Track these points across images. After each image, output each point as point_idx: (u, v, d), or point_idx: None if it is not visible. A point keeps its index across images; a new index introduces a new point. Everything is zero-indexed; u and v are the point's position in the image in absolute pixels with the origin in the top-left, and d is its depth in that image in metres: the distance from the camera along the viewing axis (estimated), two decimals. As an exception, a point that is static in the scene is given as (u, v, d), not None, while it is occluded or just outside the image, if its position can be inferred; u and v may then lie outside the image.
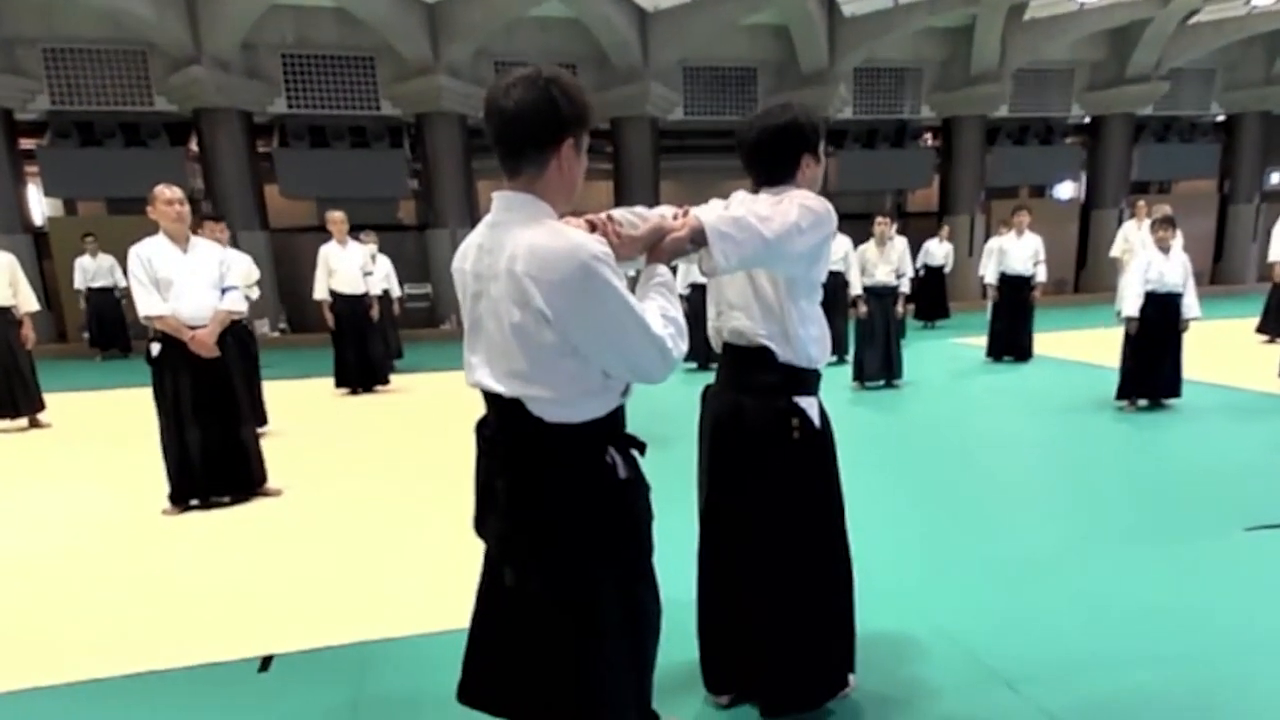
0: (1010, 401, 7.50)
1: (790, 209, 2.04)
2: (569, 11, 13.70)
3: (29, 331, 7.25)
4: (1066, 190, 19.56)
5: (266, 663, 2.95)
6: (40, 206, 15.03)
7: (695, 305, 7.75)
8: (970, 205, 17.24)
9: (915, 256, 11.34)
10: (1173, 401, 6.72)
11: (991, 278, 9.45)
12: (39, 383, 7.49)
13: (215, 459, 4.82)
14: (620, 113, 15.11)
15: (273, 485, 5.14)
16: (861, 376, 8.17)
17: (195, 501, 4.85)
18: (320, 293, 8.52)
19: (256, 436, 5.13)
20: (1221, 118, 18.80)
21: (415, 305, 14.85)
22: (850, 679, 2.53)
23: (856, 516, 2.53)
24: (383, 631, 3.15)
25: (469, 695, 1.93)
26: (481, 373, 1.76)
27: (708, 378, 2.55)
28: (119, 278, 12.68)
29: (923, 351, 10.57)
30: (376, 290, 9.06)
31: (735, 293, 2.32)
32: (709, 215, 1.93)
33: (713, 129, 16.61)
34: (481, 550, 1.90)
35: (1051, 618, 3.12)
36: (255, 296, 7.56)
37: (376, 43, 13.87)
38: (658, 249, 1.87)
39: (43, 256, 13.84)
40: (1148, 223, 8.01)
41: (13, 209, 13.61)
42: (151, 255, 4.58)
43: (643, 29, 14.60)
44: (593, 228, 1.76)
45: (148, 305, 4.54)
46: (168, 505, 4.79)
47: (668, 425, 1.90)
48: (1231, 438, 5.78)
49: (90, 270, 12.76)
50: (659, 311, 1.72)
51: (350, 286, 8.55)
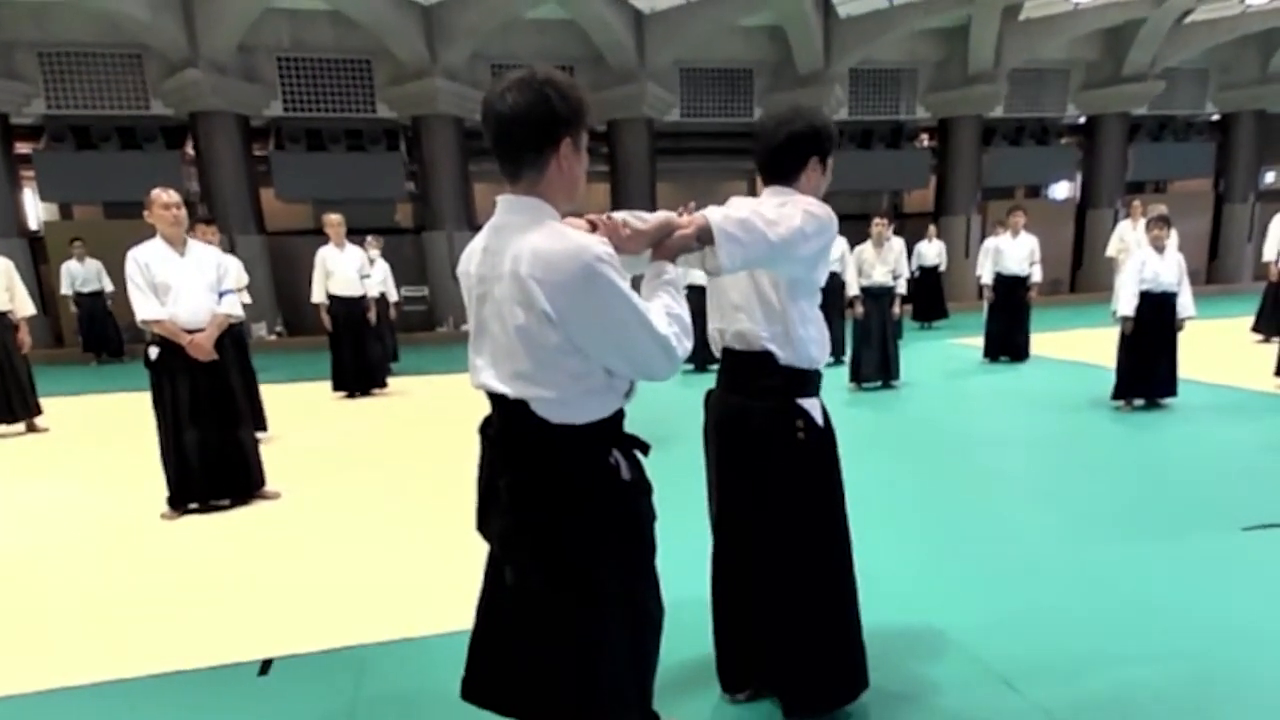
0: (1007, 401, 7.51)
1: (795, 214, 2.08)
2: (565, 13, 13.73)
3: (25, 336, 7.26)
4: (1062, 190, 19.63)
5: (266, 666, 2.95)
6: (36, 211, 15.05)
7: (694, 306, 7.73)
8: (966, 206, 17.28)
9: (910, 258, 11.36)
10: (1169, 401, 6.73)
11: (988, 278, 9.45)
12: (35, 387, 7.49)
13: (214, 462, 4.82)
14: (616, 114, 15.13)
15: (271, 488, 5.14)
16: (858, 377, 8.18)
17: (194, 505, 4.85)
18: (318, 296, 8.52)
19: (255, 439, 5.13)
20: (1216, 117, 18.85)
21: (412, 308, 14.88)
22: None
23: (855, 516, 2.53)
24: (382, 634, 3.15)
25: (472, 693, 1.93)
26: (486, 374, 1.75)
27: (706, 379, 2.56)
28: (106, 282, 12.68)
29: (919, 352, 10.58)
30: (374, 293, 9.06)
31: (739, 294, 2.34)
32: (716, 215, 1.95)
33: (709, 130, 16.64)
34: (482, 551, 1.90)
35: (1050, 615, 3.14)
36: (245, 301, 7.54)
37: (372, 45, 13.88)
38: (663, 246, 1.88)
39: (38, 261, 13.81)
40: (1143, 222, 8.04)
41: (8, 213, 13.61)
42: (149, 259, 4.58)
43: (639, 30, 14.62)
44: (594, 227, 1.77)
45: (145, 309, 4.54)
46: (166, 509, 4.79)
47: (666, 426, 1.92)
48: (1227, 437, 5.79)
49: (78, 275, 12.72)
50: (664, 310, 1.73)
51: (348, 289, 8.55)
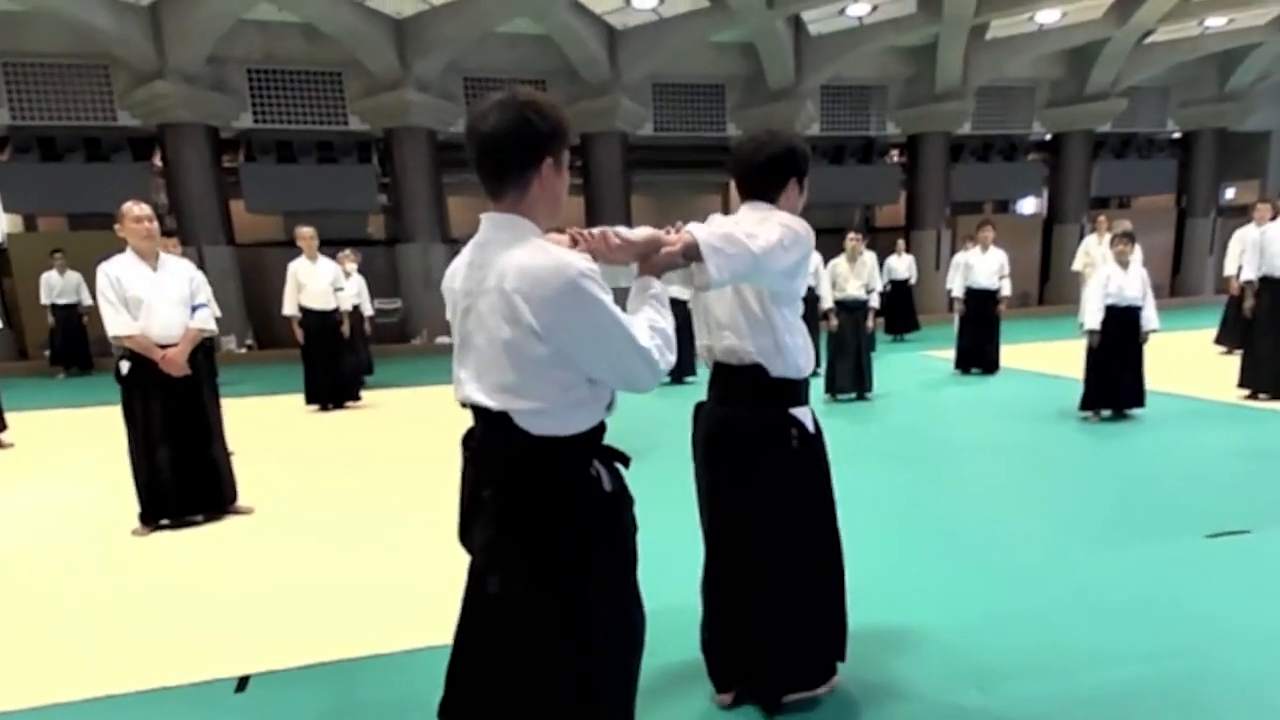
0: (979, 412, 7.61)
1: (774, 228, 2.17)
2: (539, 28, 13.77)
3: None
4: (1029, 206, 19.96)
5: (243, 683, 2.91)
6: (0, 223, 14.75)
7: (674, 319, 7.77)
8: (936, 220, 17.52)
9: (881, 271, 11.48)
10: (1136, 411, 6.86)
11: (958, 291, 9.59)
12: (0, 401, 7.34)
13: (186, 477, 4.75)
14: (590, 128, 15.18)
15: (244, 503, 5.07)
16: (834, 389, 8.24)
17: (166, 521, 4.77)
18: (289, 308, 8.46)
19: (228, 454, 5.07)
20: (1177, 134, 19.28)
21: (385, 320, 14.76)
22: (837, 674, 2.66)
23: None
24: (360, 649, 3.12)
25: (451, 712, 1.91)
26: (470, 387, 1.76)
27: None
28: (84, 295, 12.49)
29: (892, 364, 10.68)
30: (347, 306, 9.00)
31: (723, 311, 2.42)
32: (701, 231, 2.01)
33: (682, 144, 16.74)
34: (460, 563, 1.90)
35: (1024, 617, 3.21)
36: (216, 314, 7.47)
37: (344, 58, 13.82)
38: (650, 262, 1.92)
39: (2, 274, 13.57)
40: (1108, 237, 8.20)
41: (-29, 225, 13.36)
42: (120, 274, 4.52)
43: (612, 45, 14.70)
44: (575, 243, 1.79)
45: (117, 325, 4.48)
46: (138, 525, 4.71)
47: (644, 439, 1.93)
48: (1192, 446, 5.91)
49: (57, 286, 12.55)
50: (647, 323, 1.76)
51: (320, 302, 8.49)
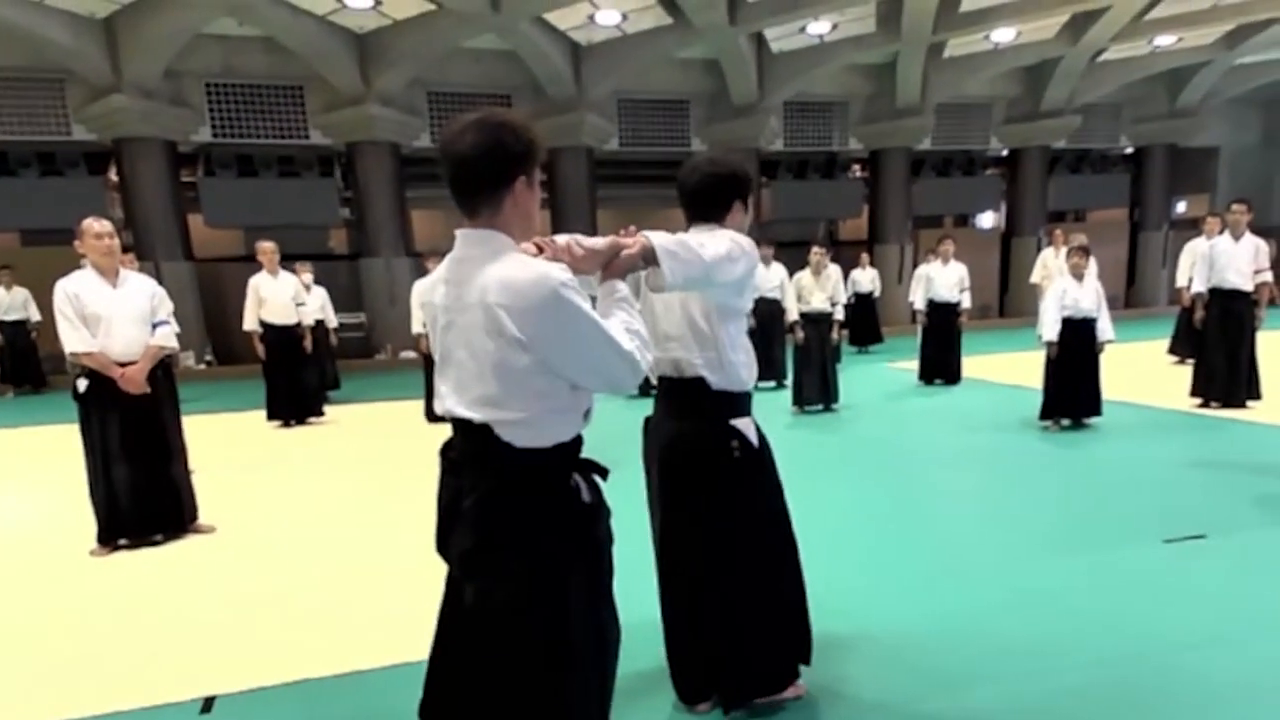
0: (942, 422, 7.70)
1: (722, 242, 2.27)
2: (503, 43, 13.77)
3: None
4: (988, 219, 20.33)
5: (209, 704, 2.86)
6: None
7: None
8: (899, 234, 17.77)
9: (846, 284, 11.60)
10: (1094, 420, 6.99)
11: (920, 304, 9.73)
12: (-54, 422, 7.15)
13: (145, 496, 4.65)
14: (556, 142, 15.18)
15: (205, 522, 4.98)
16: (800, 401, 8.28)
17: (124, 541, 4.66)
18: (250, 324, 8.33)
19: (188, 472, 4.96)
20: (1130, 150, 19.76)
21: (348, 335, 14.59)
22: (800, 683, 2.70)
23: (802, 531, 2.66)
24: (327, 667, 3.07)
25: (430, 716, 1.93)
26: (451, 400, 1.80)
27: (647, 405, 2.64)
28: (33, 311, 12.20)
29: (858, 376, 10.78)
30: (310, 320, 8.89)
31: (671, 325, 2.52)
32: (656, 237, 2.07)
33: (648, 159, 16.81)
34: (429, 578, 1.89)
35: (984, 623, 3.26)
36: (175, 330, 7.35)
37: (305, 72, 13.70)
38: (612, 266, 1.98)
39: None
40: (1065, 250, 8.37)
41: (-82, 240, 12.99)
42: (79, 290, 4.43)
43: (576, 61, 14.73)
44: (540, 250, 1.83)
45: (74, 342, 4.38)
46: (96, 546, 4.60)
47: (616, 450, 1.95)
48: (1148, 454, 6.03)
49: (3, 303, 12.21)
50: (623, 326, 1.81)
51: (282, 317, 8.39)
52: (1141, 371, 9.95)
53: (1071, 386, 6.86)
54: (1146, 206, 19.65)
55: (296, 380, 8.63)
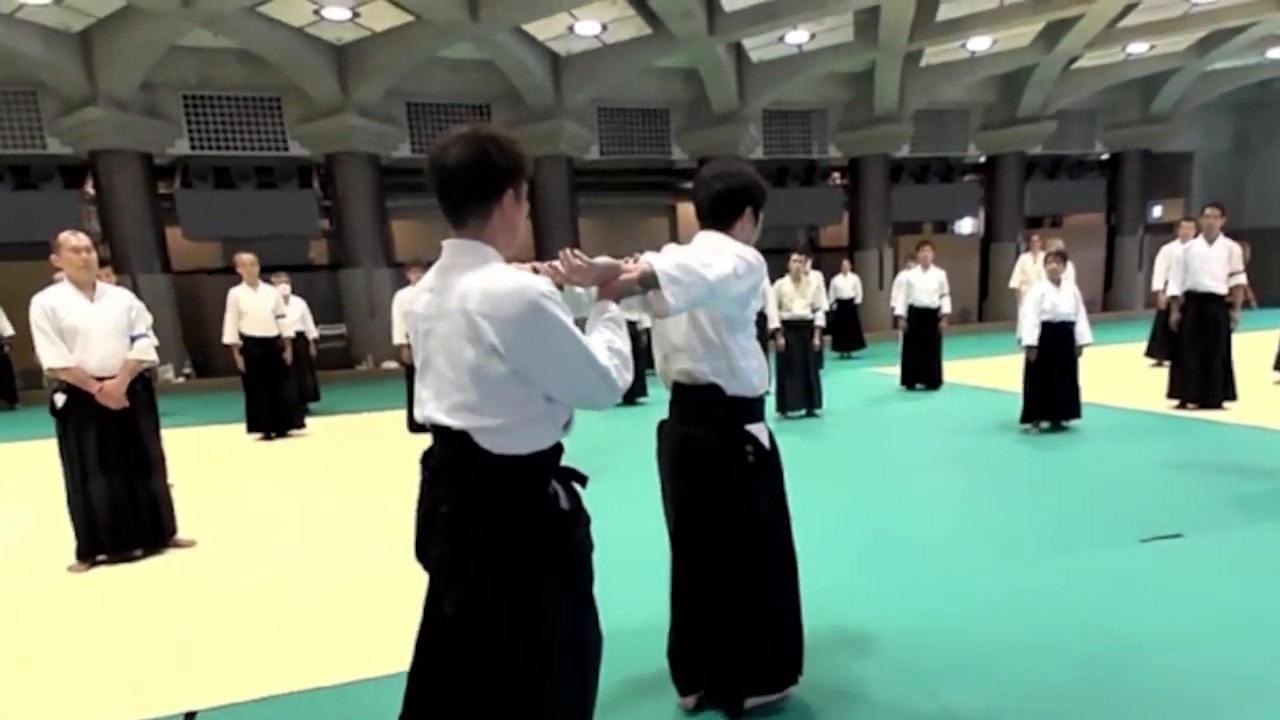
0: (924, 426, 7.74)
1: (728, 258, 2.28)
2: (482, 53, 13.76)
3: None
4: (967, 225, 20.49)
5: (190, 718, 2.83)
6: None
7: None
8: (878, 240, 17.88)
9: (827, 291, 11.66)
10: (1073, 423, 7.05)
11: (901, 309, 9.79)
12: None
13: (124, 511, 4.59)
14: (536, 152, 15.10)
15: (185, 536, 4.92)
16: (784, 407, 8.31)
17: (103, 556, 4.61)
18: (230, 336, 8.27)
19: (167, 487, 4.91)
20: (1105, 156, 20.00)
21: (329, 345, 14.50)
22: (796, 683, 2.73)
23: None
24: (309, 681, 3.04)
25: None
26: (430, 407, 1.81)
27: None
28: (5, 326, 12.02)
29: (840, 381, 10.84)
30: (290, 332, 8.83)
31: (679, 335, 2.53)
32: (660, 261, 2.09)
33: (628, 168, 16.85)
34: (409, 591, 1.88)
35: (967, 623, 3.29)
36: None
37: (283, 83, 13.65)
38: (608, 287, 2.00)
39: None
40: (1042, 255, 8.45)
41: (-111, 255, 12.77)
42: (56, 305, 4.37)
43: (555, 70, 14.75)
44: (535, 272, 1.86)
45: (51, 356, 4.33)
46: (74, 561, 4.54)
47: (599, 458, 1.94)
48: (1126, 455, 6.08)
49: (-25, 318, 12.03)
50: (605, 344, 1.83)
51: (261, 329, 8.32)
52: (1119, 374, 10.06)
53: (1051, 389, 6.92)
54: (1122, 211, 19.88)
55: (277, 392, 8.57)
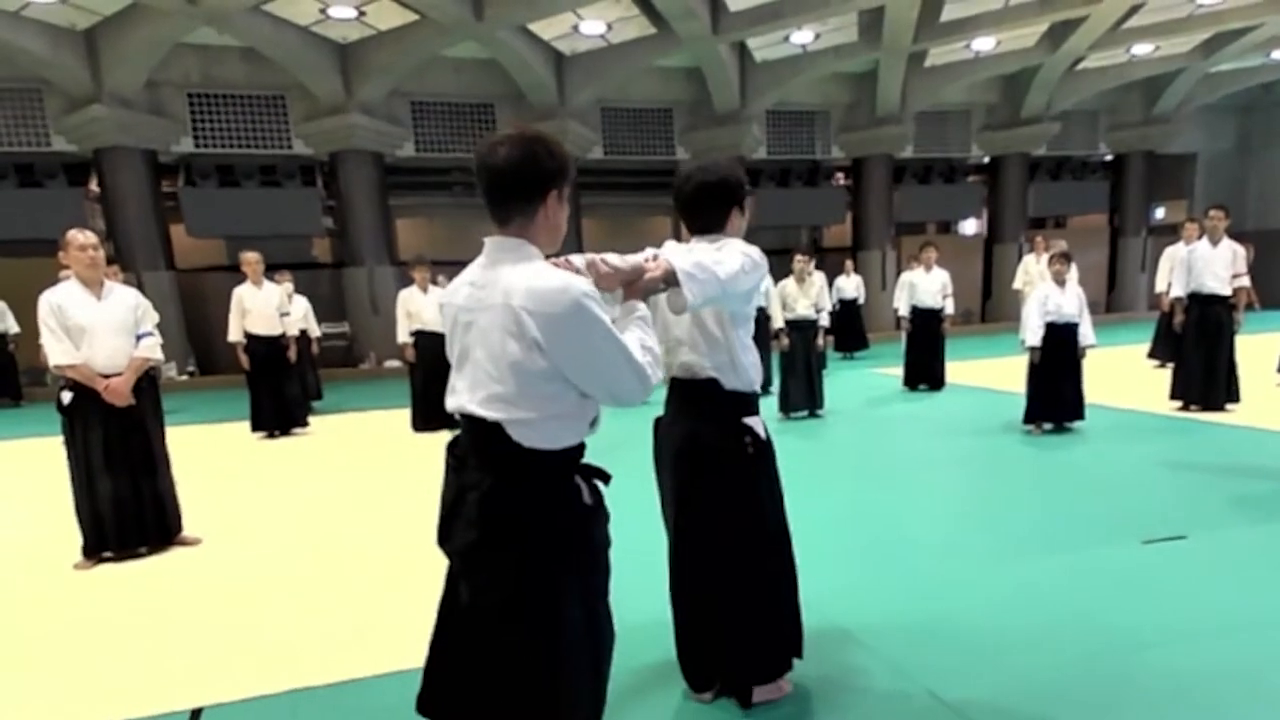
0: (926, 427, 7.74)
1: (734, 256, 2.33)
2: (485, 52, 13.78)
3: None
4: (970, 226, 20.48)
5: (196, 716, 2.83)
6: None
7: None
8: (881, 241, 17.88)
9: (830, 291, 11.66)
10: (1076, 424, 7.04)
11: (904, 310, 9.79)
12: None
13: (130, 509, 4.60)
14: (539, 151, 15.15)
15: (190, 534, 4.93)
16: (786, 407, 8.32)
17: (109, 554, 4.62)
18: (235, 334, 8.28)
19: (172, 484, 4.91)
20: (1109, 157, 19.98)
21: (332, 344, 14.53)
22: (792, 669, 2.78)
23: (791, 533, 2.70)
24: (315, 678, 3.05)
25: (428, 707, 1.96)
26: (465, 397, 1.85)
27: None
28: (11, 323, 12.06)
29: (843, 382, 10.83)
30: (294, 330, 8.84)
31: (682, 330, 2.59)
32: (677, 260, 2.14)
33: (631, 168, 16.85)
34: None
35: (968, 620, 3.29)
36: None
37: (287, 81, 13.67)
38: (634, 287, 2.06)
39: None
40: (1046, 256, 8.45)
41: (-106, 252, 12.81)
42: (63, 302, 4.39)
43: (559, 70, 14.76)
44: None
45: (58, 354, 4.34)
46: (80, 559, 4.55)
47: (603, 457, 1.96)
48: (1130, 457, 6.07)
49: (-18, 316, 12.07)
50: (638, 342, 1.87)
51: (266, 328, 8.33)
52: (1123, 375, 10.05)
53: (1054, 391, 6.91)
54: (1125, 212, 19.86)
55: (281, 391, 8.57)
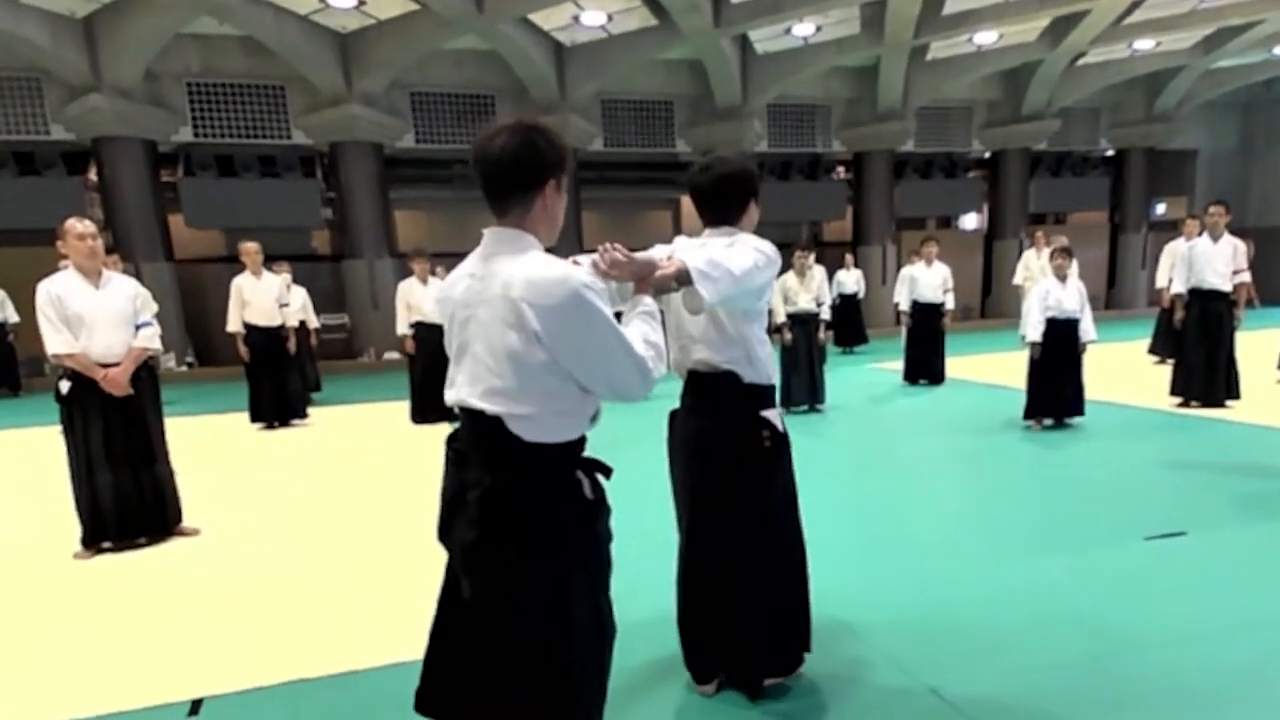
0: (927, 423, 7.74)
1: (749, 253, 2.34)
2: (486, 44, 13.73)
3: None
4: (971, 221, 20.47)
5: (196, 706, 2.83)
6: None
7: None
8: (882, 236, 17.85)
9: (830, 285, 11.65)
10: (1076, 420, 7.04)
11: (905, 305, 9.78)
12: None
13: (129, 499, 4.59)
14: (540, 144, 15.11)
15: (189, 524, 4.93)
16: (788, 401, 8.30)
17: (108, 544, 4.61)
18: (234, 325, 8.26)
19: (172, 475, 4.91)
20: (1110, 153, 19.96)
21: (331, 336, 14.50)
22: (804, 663, 2.79)
23: None
24: (314, 669, 3.05)
25: (427, 705, 1.96)
26: (464, 390, 1.83)
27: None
28: (10, 312, 12.03)
29: (843, 376, 10.82)
30: (293, 321, 8.83)
31: (696, 328, 2.58)
32: (691, 259, 2.13)
33: (632, 160, 16.81)
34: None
35: (969, 616, 3.29)
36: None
37: (287, 72, 13.61)
38: (644, 283, 2.05)
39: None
40: (1047, 252, 8.44)
41: (-109, 241, 12.77)
42: (61, 292, 4.38)
43: (559, 62, 14.70)
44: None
45: (56, 343, 4.33)
46: (79, 548, 4.55)
47: (605, 452, 1.95)
48: (1130, 453, 6.08)
49: (-21, 305, 12.04)
50: (641, 336, 1.87)
51: (265, 319, 8.32)
52: (1123, 371, 10.05)
53: (1055, 386, 6.91)
54: (1126, 208, 19.85)
55: (280, 382, 8.57)
